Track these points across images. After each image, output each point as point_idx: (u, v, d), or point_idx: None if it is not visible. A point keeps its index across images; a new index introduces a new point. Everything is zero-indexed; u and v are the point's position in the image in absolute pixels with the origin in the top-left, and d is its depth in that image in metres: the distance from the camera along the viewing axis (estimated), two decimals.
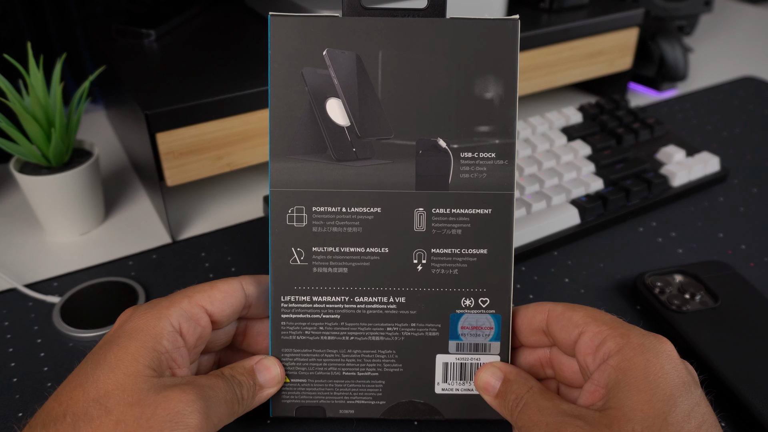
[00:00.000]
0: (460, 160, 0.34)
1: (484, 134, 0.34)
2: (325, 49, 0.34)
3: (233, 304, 0.34)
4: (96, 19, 0.68)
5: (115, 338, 0.30)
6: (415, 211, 0.35)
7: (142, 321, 0.31)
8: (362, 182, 0.34)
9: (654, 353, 0.29)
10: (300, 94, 0.34)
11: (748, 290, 0.44)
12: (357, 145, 0.34)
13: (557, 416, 0.29)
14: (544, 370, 0.35)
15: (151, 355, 0.30)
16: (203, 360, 0.36)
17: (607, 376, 0.29)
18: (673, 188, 0.56)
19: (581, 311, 0.32)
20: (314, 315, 0.35)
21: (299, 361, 0.35)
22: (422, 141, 0.34)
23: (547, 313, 0.34)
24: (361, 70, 0.34)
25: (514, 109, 0.34)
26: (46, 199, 0.51)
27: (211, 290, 0.33)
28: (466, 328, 0.35)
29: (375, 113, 0.34)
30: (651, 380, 0.28)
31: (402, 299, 0.35)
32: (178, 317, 0.32)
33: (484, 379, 0.34)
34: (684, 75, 0.76)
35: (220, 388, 0.31)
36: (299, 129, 0.34)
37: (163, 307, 0.32)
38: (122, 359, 0.29)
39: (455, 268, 0.35)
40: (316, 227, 0.35)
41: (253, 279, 0.35)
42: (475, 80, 0.34)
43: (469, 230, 0.35)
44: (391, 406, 0.36)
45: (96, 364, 0.29)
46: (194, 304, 0.32)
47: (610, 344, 0.30)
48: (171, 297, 0.33)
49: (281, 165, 0.34)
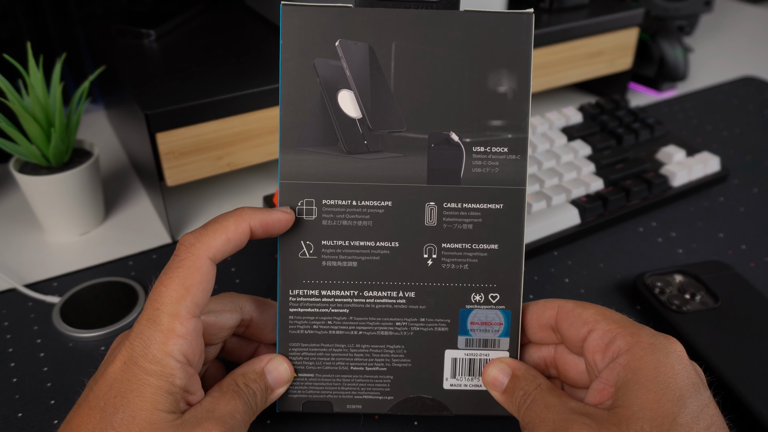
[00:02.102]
0: (472, 154, 0.34)
1: (497, 129, 0.34)
2: (338, 40, 0.33)
3: (211, 287, 0.31)
4: (96, 19, 0.68)
5: (126, 381, 0.29)
6: (426, 205, 0.35)
7: (148, 363, 0.29)
8: (373, 175, 0.34)
9: (664, 353, 0.29)
10: (311, 85, 0.34)
11: (748, 290, 0.44)
12: (368, 137, 0.34)
13: (565, 413, 0.29)
14: (548, 370, 0.35)
15: (168, 399, 0.29)
16: (210, 349, 0.35)
17: (616, 374, 0.29)
18: (673, 188, 0.56)
19: (591, 309, 0.32)
20: (323, 309, 0.35)
21: (307, 355, 0.35)
22: (434, 134, 0.34)
23: (556, 310, 0.33)
24: (373, 61, 0.34)
25: (527, 104, 0.34)
26: (46, 199, 0.51)
27: (189, 293, 0.30)
28: (476, 324, 0.35)
29: (387, 105, 0.34)
30: (661, 380, 0.28)
31: (412, 294, 0.35)
32: (179, 348, 0.29)
33: (491, 374, 0.34)
34: (684, 75, 0.76)
35: (239, 411, 0.31)
36: (310, 121, 0.34)
37: (160, 344, 0.29)
38: (141, 408, 0.28)
39: (466, 263, 0.35)
40: (326, 220, 0.34)
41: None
42: (489, 74, 0.34)
43: (481, 225, 0.35)
44: (399, 401, 0.35)
45: (114, 408, 0.28)
46: (185, 321, 0.30)
47: (620, 342, 0.30)
48: (159, 322, 0.29)
49: (291, 157, 0.34)
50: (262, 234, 0.33)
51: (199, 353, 0.31)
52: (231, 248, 0.31)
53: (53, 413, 0.38)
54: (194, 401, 0.31)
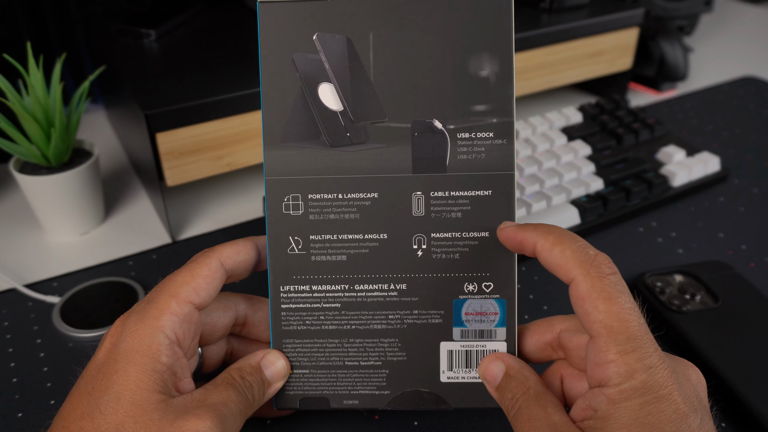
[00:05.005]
0: (457, 141, 0.34)
1: (481, 114, 0.34)
2: (315, 34, 0.33)
3: (217, 286, 0.33)
4: (96, 19, 0.68)
5: (112, 362, 0.29)
6: (413, 195, 0.34)
7: (136, 340, 0.30)
8: (358, 167, 0.34)
9: (656, 398, 0.27)
10: (291, 81, 0.34)
11: (748, 290, 0.44)
12: (351, 129, 0.34)
13: (546, 430, 0.28)
14: (555, 352, 0.34)
15: (153, 377, 0.29)
16: (213, 350, 0.35)
17: (598, 402, 0.28)
18: (673, 188, 0.56)
19: (603, 309, 0.30)
20: (314, 304, 0.35)
21: (301, 351, 0.35)
22: (417, 123, 0.34)
23: (558, 325, 0.33)
24: (352, 53, 0.34)
25: (511, 87, 0.34)
26: (46, 199, 0.51)
27: (193, 280, 0.31)
28: (470, 314, 0.35)
29: (368, 96, 0.34)
30: (644, 422, 0.27)
31: (403, 286, 0.35)
32: (171, 326, 0.30)
33: (486, 369, 0.33)
34: (684, 75, 0.76)
35: (233, 401, 0.30)
36: (292, 116, 0.34)
37: (153, 318, 0.30)
38: (126, 387, 0.28)
39: (456, 253, 0.34)
40: (313, 215, 0.34)
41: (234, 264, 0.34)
42: (470, 58, 0.34)
43: (470, 213, 0.34)
44: (396, 395, 0.35)
45: (101, 391, 0.28)
46: (182, 303, 0.31)
47: (612, 371, 0.28)
48: (156, 301, 0.31)
49: (275, 153, 0.34)
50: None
51: (190, 338, 0.31)
52: (240, 259, 0.34)
53: (53, 413, 0.38)
54: (184, 388, 0.31)
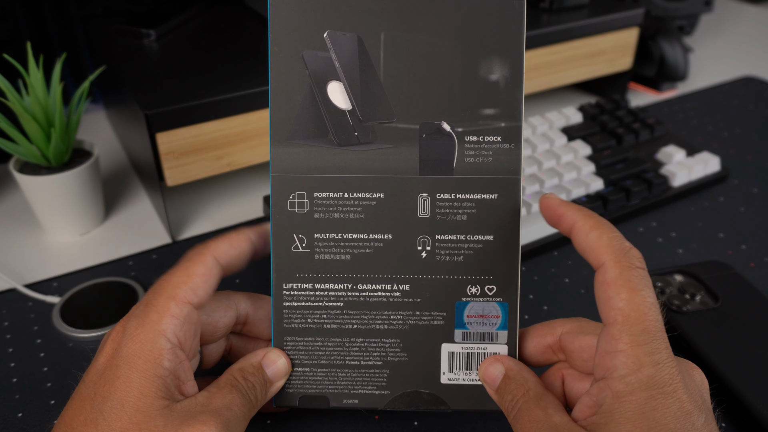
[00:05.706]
0: (464, 143, 0.34)
1: (490, 117, 0.34)
2: (326, 31, 0.33)
3: (214, 284, 0.33)
4: (96, 19, 0.68)
5: (114, 367, 0.29)
6: (419, 197, 0.34)
7: (138, 345, 0.29)
8: (364, 167, 0.34)
9: (662, 394, 0.27)
10: (301, 78, 0.34)
11: (748, 290, 0.44)
12: (359, 129, 0.34)
13: (546, 431, 0.28)
14: (556, 355, 0.34)
15: (156, 383, 0.29)
16: (212, 348, 0.35)
17: (603, 398, 0.28)
18: (673, 188, 0.56)
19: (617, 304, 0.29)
20: (317, 303, 0.35)
21: (302, 349, 0.35)
22: (425, 125, 0.34)
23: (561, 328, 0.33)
24: (362, 52, 0.34)
25: (520, 92, 0.34)
26: (46, 199, 0.51)
27: (190, 280, 0.31)
28: (473, 317, 0.35)
29: (377, 96, 0.34)
30: (649, 417, 0.27)
31: (406, 287, 0.35)
32: (172, 329, 0.30)
33: (486, 371, 0.33)
34: (684, 75, 0.76)
35: (237, 404, 0.30)
36: (300, 113, 0.34)
37: (153, 322, 0.30)
38: (129, 394, 0.28)
39: (460, 255, 0.34)
40: (318, 213, 0.34)
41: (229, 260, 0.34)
42: (480, 62, 0.34)
43: (475, 216, 0.34)
44: (395, 396, 0.35)
45: (103, 398, 0.28)
46: (181, 304, 0.30)
47: (620, 360, 0.28)
48: (155, 303, 0.31)
49: (282, 150, 0.34)
50: (262, 246, 0.35)
51: (191, 339, 0.31)
52: (235, 253, 0.33)
53: (53, 413, 0.38)
54: (188, 391, 0.30)
